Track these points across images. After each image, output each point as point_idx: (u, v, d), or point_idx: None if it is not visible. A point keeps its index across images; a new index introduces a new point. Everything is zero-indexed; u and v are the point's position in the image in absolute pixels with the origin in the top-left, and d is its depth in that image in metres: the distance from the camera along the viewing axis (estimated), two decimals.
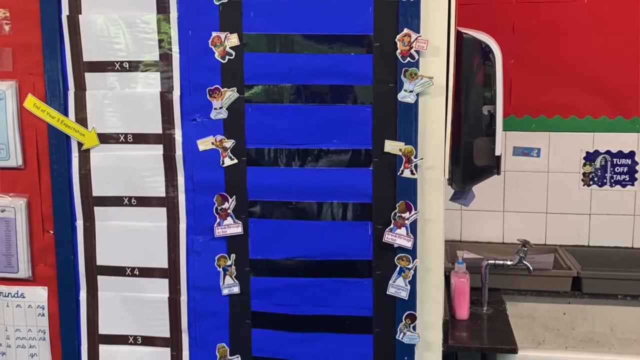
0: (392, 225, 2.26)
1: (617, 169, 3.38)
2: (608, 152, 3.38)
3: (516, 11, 3.33)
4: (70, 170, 2.39)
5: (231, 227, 2.34)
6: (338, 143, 2.27)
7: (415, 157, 2.22)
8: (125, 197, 2.39)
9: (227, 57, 2.26)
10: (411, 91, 2.19)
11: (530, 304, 3.18)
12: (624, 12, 3.26)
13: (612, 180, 3.39)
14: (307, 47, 2.24)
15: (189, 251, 2.38)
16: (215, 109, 2.29)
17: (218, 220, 2.34)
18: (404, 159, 2.23)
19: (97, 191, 2.40)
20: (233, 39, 2.25)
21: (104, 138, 2.37)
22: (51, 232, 2.44)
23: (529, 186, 3.45)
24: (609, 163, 3.38)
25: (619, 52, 3.28)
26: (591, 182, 3.41)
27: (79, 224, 2.42)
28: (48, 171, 2.40)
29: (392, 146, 2.23)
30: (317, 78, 2.25)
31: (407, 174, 2.23)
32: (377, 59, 2.21)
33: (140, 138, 2.35)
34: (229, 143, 2.30)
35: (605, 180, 3.40)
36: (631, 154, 3.37)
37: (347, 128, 2.26)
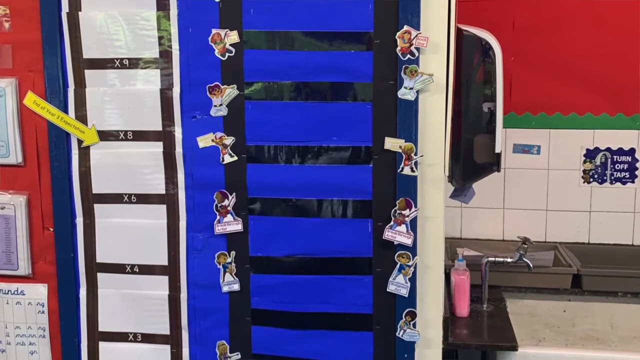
0: (392, 222, 2.26)
1: (618, 166, 3.38)
2: (608, 149, 3.38)
3: (516, 8, 3.33)
4: (70, 167, 2.39)
5: (231, 225, 2.33)
6: (338, 140, 2.27)
7: (415, 155, 2.22)
8: (125, 195, 2.39)
9: (227, 54, 2.26)
10: (411, 88, 2.19)
11: (530, 301, 3.18)
12: (624, 9, 3.25)
13: (613, 177, 3.39)
14: (307, 44, 2.23)
15: (189, 248, 2.38)
16: (215, 106, 2.29)
17: (218, 217, 2.33)
18: (404, 156, 2.22)
19: (97, 188, 2.40)
20: (233, 36, 2.25)
21: (104, 135, 2.37)
22: (51, 230, 2.44)
23: (529, 183, 3.45)
24: (609, 160, 3.38)
25: (620, 49, 3.28)
26: (591, 180, 3.41)
27: (79, 221, 2.42)
28: (48, 168, 2.40)
29: (392, 143, 2.23)
30: (317, 75, 2.25)
31: (407, 171, 2.23)
32: (377, 56, 2.21)
33: (140, 135, 2.35)
34: (229, 140, 2.30)
35: (605, 177, 3.40)
36: (631, 151, 3.37)
37: (347, 125, 2.26)
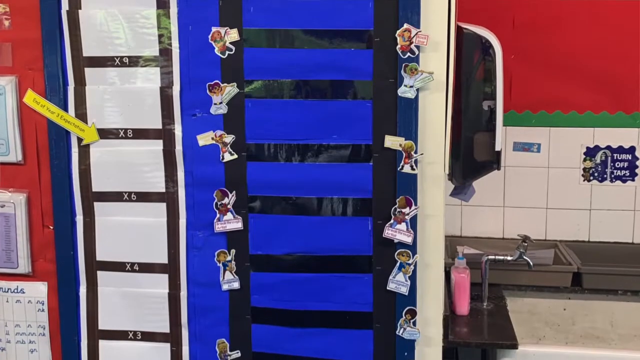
0: (392, 220, 2.26)
1: (618, 164, 3.38)
2: (608, 148, 3.38)
3: (516, 6, 3.33)
4: (70, 165, 2.39)
5: (231, 223, 2.33)
6: (338, 138, 2.27)
7: (415, 153, 2.22)
8: (125, 193, 2.39)
9: (227, 52, 2.26)
10: (411, 86, 2.19)
11: (530, 300, 3.18)
12: (624, 7, 3.25)
13: (613, 175, 3.39)
14: (307, 42, 2.23)
15: (189, 246, 2.38)
16: (215, 104, 2.28)
17: (218, 215, 2.33)
18: (404, 154, 2.22)
19: (97, 186, 2.40)
20: (233, 34, 2.25)
21: (104, 133, 2.37)
22: (51, 228, 2.43)
23: (529, 181, 3.45)
24: (610, 158, 3.38)
25: (620, 47, 3.27)
26: (591, 178, 3.41)
27: (79, 220, 2.42)
28: (48, 166, 2.40)
29: (392, 141, 2.23)
30: (317, 73, 2.25)
31: (407, 169, 2.23)
32: (377, 54, 2.21)
33: (140, 133, 2.35)
34: (229, 138, 2.30)
35: (605, 175, 3.39)
36: (632, 149, 3.37)
37: (347, 123, 2.25)
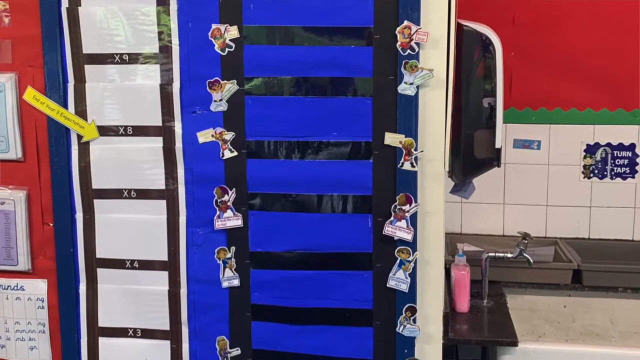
0: (393, 217, 2.26)
1: (618, 162, 3.38)
2: (608, 145, 3.38)
3: (516, 3, 3.32)
4: (69, 162, 2.39)
5: (231, 220, 2.33)
6: (338, 135, 2.27)
7: (415, 150, 2.22)
8: (125, 190, 2.39)
9: (227, 50, 2.26)
10: (411, 83, 2.19)
11: (530, 297, 3.19)
12: (624, 5, 3.25)
13: (613, 172, 3.39)
14: (307, 40, 2.23)
15: (189, 244, 2.38)
16: (215, 102, 2.28)
17: (218, 212, 2.33)
18: (404, 152, 2.22)
19: (97, 184, 2.40)
20: (233, 31, 2.24)
21: (104, 130, 2.37)
22: (51, 225, 2.44)
23: (530, 179, 3.45)
24: (610, 155, 3.38)
25: (620, 45, 3.27)
26: (591, 175, 3.41)
27: (79, 217, 2.42)
28: (48, 164, 2.40)
29: (392, 138, 2.23)
30: (317, 70, 2.25)
31: (408, 167, 2.23)
32: (377, 51, 2.21)
33: (140, 130, 2.35)
34: (229, 135, 2.30)
35: (605, 172, 3.39)
36: (632, 147, 3.37)
37: (347, 120, 2.25)
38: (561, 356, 2.65)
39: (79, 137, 2.37)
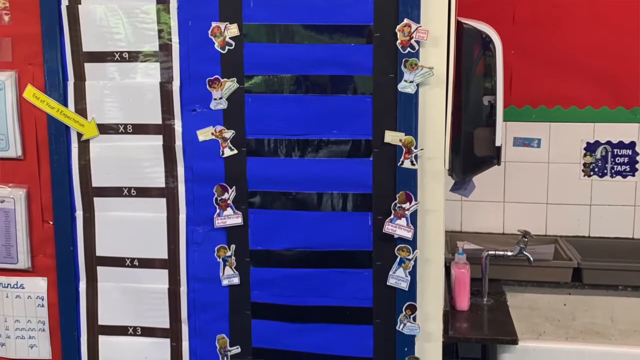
0: (393, 215, 2.25)
1: (618, 160, 3.38)
2: (609, 143, 3.38)
3: (517, 1, 3.32)
4: (69, 160, 2.39)
5: (231, 218, 2.33)
6: (338, 133, 2.26)
7: (415, 148, 2.22)
8: (124, 188, 2.39)
9: (227, 48, 2.25)
10: (411, 81, 2.19)
11: (530, 295, 3.19)
12: (625, 3, 3.25)
13: (613, 170, 3.39)
14: (307, 38, 2.23)
15: (189, 242, 2.38)
16: (215, 100, 2.28)
17: (218, 210, 2.33)
18: (404, 150, 2.22)
19: (97, 182, 2.39)
20: (233, 29, 2.24)
21: (104, 128, 2.36)
22: (51, 223, 2.43)
23: (530, 177, 3.45)
24: (610, 153, 3.38)
25: (620, 43, 3.27)
26: (592, 173, 3.41)
27: (79, 215, 2.42)
28: (47, 162, 2.39)
29: (392, 137, 2.23)
30: (317, 68, 2.24)
31: (408, 165, 2.23)
32: (377, 50, 2.21)
33: (139, 128, 2.35)
34: (229, 133, 2.29)
35: (605, 170, 3.39)
36: (632, 145, 3.37)
37: (347, 118, 2.25)
38: (561, 354, 2.65)
39: (79, 135, 2.37)
